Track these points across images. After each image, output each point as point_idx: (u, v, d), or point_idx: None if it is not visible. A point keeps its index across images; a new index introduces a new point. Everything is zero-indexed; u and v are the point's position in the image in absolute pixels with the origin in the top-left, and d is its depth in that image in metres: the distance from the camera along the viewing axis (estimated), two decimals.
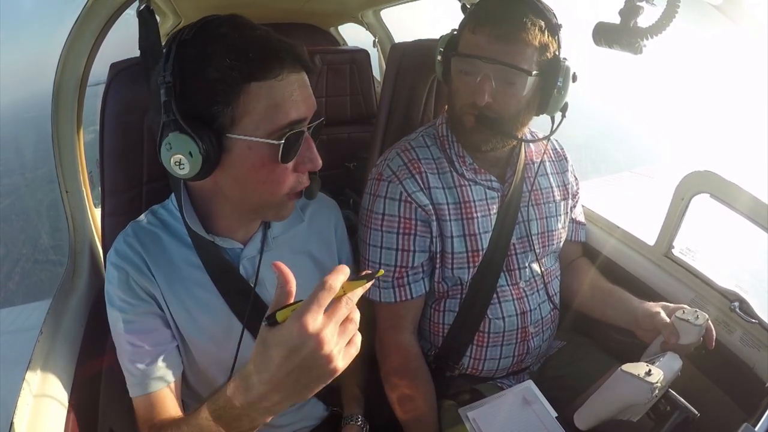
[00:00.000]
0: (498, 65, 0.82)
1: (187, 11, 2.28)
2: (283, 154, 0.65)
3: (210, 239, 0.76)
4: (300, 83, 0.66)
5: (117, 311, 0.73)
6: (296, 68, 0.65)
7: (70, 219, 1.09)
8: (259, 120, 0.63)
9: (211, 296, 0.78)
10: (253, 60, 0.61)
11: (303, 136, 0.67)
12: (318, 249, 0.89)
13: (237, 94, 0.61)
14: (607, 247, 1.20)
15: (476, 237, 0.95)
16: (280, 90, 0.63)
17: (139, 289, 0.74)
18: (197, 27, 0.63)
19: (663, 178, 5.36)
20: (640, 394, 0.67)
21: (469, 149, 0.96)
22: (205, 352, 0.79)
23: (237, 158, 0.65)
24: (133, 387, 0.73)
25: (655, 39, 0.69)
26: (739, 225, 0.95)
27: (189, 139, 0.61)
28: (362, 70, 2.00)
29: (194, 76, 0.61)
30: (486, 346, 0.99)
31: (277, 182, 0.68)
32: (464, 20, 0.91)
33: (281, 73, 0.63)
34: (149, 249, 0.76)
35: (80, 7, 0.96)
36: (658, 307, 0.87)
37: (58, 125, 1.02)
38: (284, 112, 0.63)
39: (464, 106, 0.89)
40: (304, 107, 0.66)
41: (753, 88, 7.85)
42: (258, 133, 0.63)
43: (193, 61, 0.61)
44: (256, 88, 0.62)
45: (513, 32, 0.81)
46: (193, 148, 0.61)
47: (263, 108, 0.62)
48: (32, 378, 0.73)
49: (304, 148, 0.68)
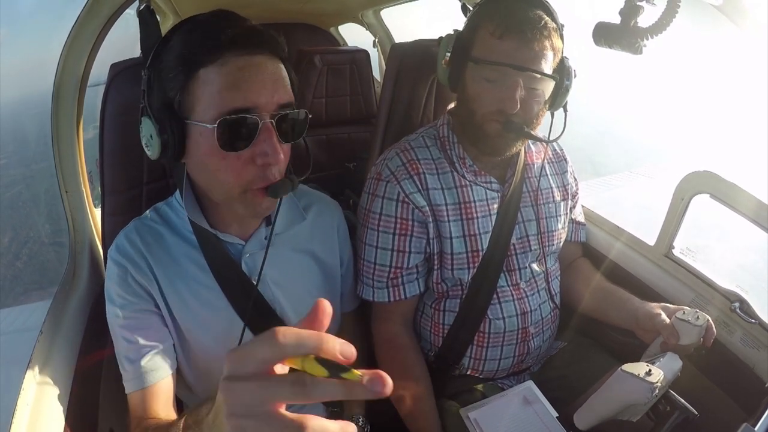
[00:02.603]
0: (528, 72, 0.82)
1: (187, 11, 2.28)
2: (220, 141, 0.63)
3: (213, 232, 0.76)
4: (251, 69, 0.64)
5: (114, 307, 0.74)
6: (244, 52, 0.64)
7: (70, 219, 1.09)
8: (206, 106, 0.64)
9: (213, 293, 0.78)
10: (198, 46, 0.63)
11: (256, 125, 0.64)
12: (320, 248, 0.89)
13: (188, 80, 0.64)
14: (607, 247, 1.20)
15: (476, 237, 0.95)
16: (222, 75, 0.63)
17: (136, 286, 0.74)
18: (180, 23, 0.68)
19: (663, 178, 5.36)
20: (640, 394, 0.67)
21: (487, 154, 0.95)
22: (205, 350, 0.79)
23: (194, 144, 0.67)
24: (128, 382, 0.73)
25: (655, 39, 0.69)
26: (740, 225, 0.95)
27: (150, 123, 0.66)
28: (362, 71, 2.00)
29: (160, 65, 0.66)
30: (486, 347, 0.99)
31: (230, 172, 0.66)
32: (476, 23, 0.87)
33: (220, 57, 0.63)
34: (150, 245, 0.76)
35: (80, 7, 0.96)
36: (658, 308, 0.87)
37: (58, 125, 1.02)
38: (226, 98, 0.63)
39: (488, 114, 0.87)
40: (257, 96, 0.63)
41: (753, 88, 7.85)
42: (206, 119, 0.64)
43: (163, 52, 0.66)
44: (203, 73, 0.63)
45: (540, 39, 0.81)
46: (153, 131, 0.65)
47: (209, 93, 0.63)
48: (32, 378, 0.73)
49: (260, 139, 0.65)
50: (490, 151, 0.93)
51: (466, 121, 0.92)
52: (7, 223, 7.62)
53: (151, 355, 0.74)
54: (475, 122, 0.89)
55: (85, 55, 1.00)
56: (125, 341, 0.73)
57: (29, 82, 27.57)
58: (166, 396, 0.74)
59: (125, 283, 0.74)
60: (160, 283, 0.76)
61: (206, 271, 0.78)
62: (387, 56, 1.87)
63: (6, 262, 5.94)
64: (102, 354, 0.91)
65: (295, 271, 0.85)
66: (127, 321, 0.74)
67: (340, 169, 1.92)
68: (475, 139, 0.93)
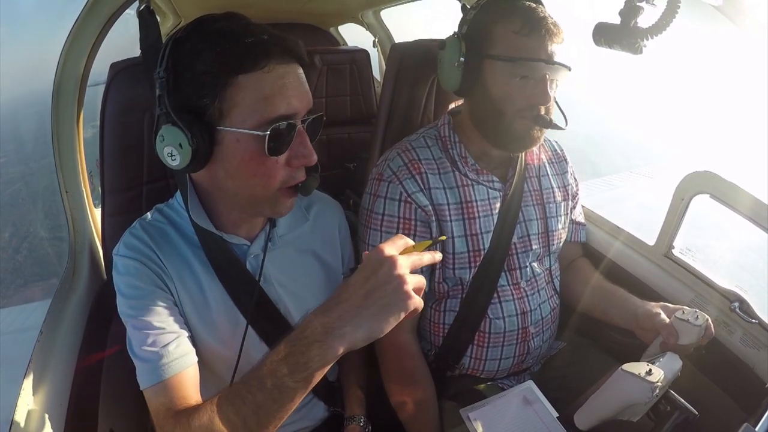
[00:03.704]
0: (557, 66, 0.84)
1: (187, 11, 2.28)
2: (270, 147, 0.64)
3: (218, 234, 0.76)
4: (291, 76, 0.65)
5: (127, 299, 0.71)
6: (285, 60, 0.65)
7: (70, 219, 1.09)
8: (247, 112, 0.63)
9: (218, 292, 0.78)
10: (238, 52, 0.62)
11: (294, 130, 0.66)
12: (322, 249, 0.89)
13: (224, 86, 0.62)
14: (607, 247, 1.20)
15: (478, 237, 0.95)
16: (268, 82, 0.63)
17: (152, 274, 0.73)
18: (193, 24, 0.66)
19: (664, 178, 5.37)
20: (640, 394, 0.67)
21: (512, 151, 0.96)
22: (209, 349, 0.79)
23: (227, 150, 0.65)
24: (147, 375, 0.67)
25: (655, 39, 0.69)
26: (740, 225, 0.95)
27: (179, 131, 0.63)
28: (362, 71, 2.00)
29: (184, 70, 0.63)
30: (486, 346, 0.99)
31: (268, 175, 0.67)
32: (489, 22, 0.87)
33: (267, 64, 0.63)
34: (158, 242, 0.76)
35: (80, 7, 0.96)
36: (658, 307, 0.87)
37: (58, 125, 1.02)
38: (272, 105, 0.63)
39: (518, 111, 0.87)
40: (296, 101, 0.66)
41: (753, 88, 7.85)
42: (245, 125, 0.64)
43: (185, 56, 0.64)
44: (243, 80, 0.62)
45: (558, 33, 0.85)
46: (183, 140, 0.63)
47: (251, 100, 0.63)
48: (32, 378, 0.73)
49: (297, 143, 0.67)
50: (516, 148, 0.94)
51: (493, 122, 0.90)
52: (7, 219, 7.83)
53: (176, 342, 0.70)
54: (505, 121, 0.89)
55: (85, 54, 1.00)
56: (142, 330, 0.69)
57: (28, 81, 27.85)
58: (194, 383, 0.70)
59: (139, 273, 0.72)
60: (172, 276, 0.75)
61: (209, 270, 0.78)
62: (387, 56, 1.87)
63: (7, 256, 6.18)
64: (102, 354, 0.91)
65: (298, 271, 0.85)
66: (143, 310, 0.70)
67: (341, 169, 1.92)
68: (502, 139, 0.92)
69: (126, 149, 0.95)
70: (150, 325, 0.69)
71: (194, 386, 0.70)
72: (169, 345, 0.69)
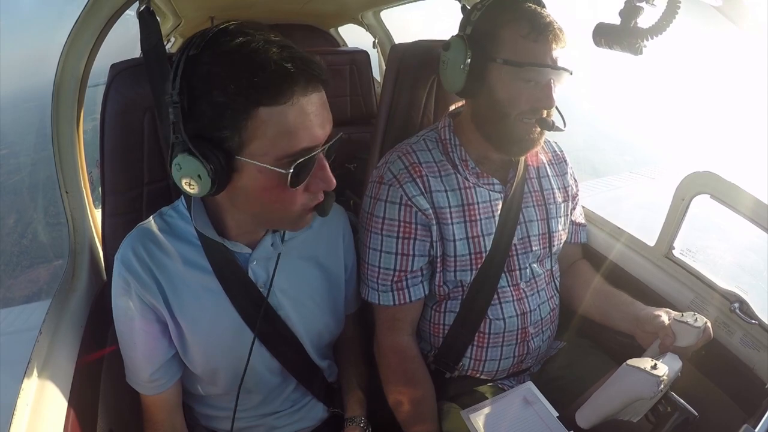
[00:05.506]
0: (560, 70, 0.85)
1: (187, 12, 2.29)
2: (293, 181, 0.63)
3: (221, 242, 0.76)
4: (315, 105, 0.63)
5: (120, 319, 0.78)
6: (310, 90, 0.62)
7: (70, 219, 1.09)
8: (268, 145, 0.61)
9: (220, 301, 0.79)
10: (260, 84, 0.58)
11: (315, 159, 0.65)
12: (325, 255, 0.89)
13: (244, 119, 0.59)
14: (607, 248, 1.20)
15: (479, 239, 0.95)
16: (291, 116, 0.60)
17: (140, 300, 0.76)
18: (206, 40, 0.60)
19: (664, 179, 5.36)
20: (647, 388, 0.67)
21: (514, 154, 0.95)
22: (213, 360, 0.80)
23: (247, 179, 0.64)
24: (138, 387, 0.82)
25: (655, 39, 0.69)
26: (740, 225, 0.95)
27: (197, 161, 0.60)
28: (362, 71, 2.00)
29: (201, 97, 0.59)
30: (486, 347, 0.99)
31: (289, 202, 0.67)
32: (495, 26, 0.87)
33: (291, 98, 0.60)
34: (155, 256, 0.76)
35: (80, 7, 0.96)
36: (660, 310, 0.87)
37: (58, 125, 1.02)
38: (295, 139, 0.61)
39: (522, 114, 0.87)
40: (320, 131, 0.64)
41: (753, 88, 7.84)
42: (267, 159, 0.61)
43: (201, 80, 0.59)
44: (265, 113, 0.59)
45: (563, 38, 0.85)
46: (202, 170, 0.60)
47: (272, 134, 0.60)
48: (32, 378, 0.73)
49: (317, 168, 0.66)
50: (517, 152, 0.94)
51: (495, 124, 0.90)
52: (11, 206, 8.43)
53: (156, 366, 0.79)
54: (509, 124, 0.89)
55: (85, 55, 1.00)
56: (128, 355, 0.80)
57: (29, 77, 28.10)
58: (172, 404, 0.83)
59: (128, 297, 0.76)
60: (166, 294, 0.76)
61: (212, 277, 0.78)
62: (387, 57, 1.87)
63: (13, 240, 6.72)
64: (102, 354, 0.91)
65: (299, 278, 0.86)
66: (133, 333, 0.78)
67: (341, 170, 1.92)
68: (504, 142, 0.92)
69: (126, 150, 0.95)
70: (134, 347, 0.79)
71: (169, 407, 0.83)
72: (147, 369, 0.79)
